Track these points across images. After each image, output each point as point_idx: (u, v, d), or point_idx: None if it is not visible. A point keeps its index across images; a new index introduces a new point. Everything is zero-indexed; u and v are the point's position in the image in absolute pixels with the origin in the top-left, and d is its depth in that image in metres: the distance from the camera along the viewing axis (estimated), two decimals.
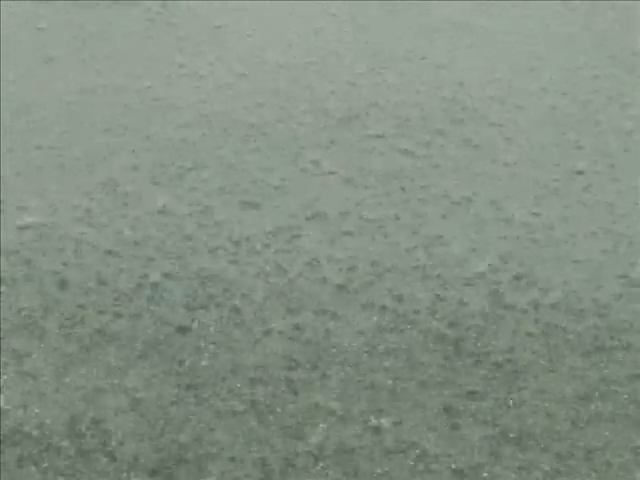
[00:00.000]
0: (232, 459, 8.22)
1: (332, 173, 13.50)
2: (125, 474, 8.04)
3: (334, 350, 9.72)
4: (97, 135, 14.38)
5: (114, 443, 8.35)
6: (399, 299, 10.60)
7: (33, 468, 8.10)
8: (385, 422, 8.72)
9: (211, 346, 9.67)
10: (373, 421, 8.75)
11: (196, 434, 8.53)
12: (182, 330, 9.88)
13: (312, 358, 9.55)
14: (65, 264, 11.03)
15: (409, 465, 8.20)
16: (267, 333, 9.94)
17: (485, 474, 8.16)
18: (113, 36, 18.55)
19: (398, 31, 19.49)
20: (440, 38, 19.16)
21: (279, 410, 8.82)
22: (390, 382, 9.27)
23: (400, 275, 11.08)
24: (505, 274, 11.16)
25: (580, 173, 13.81)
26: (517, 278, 11.09)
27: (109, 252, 11.30)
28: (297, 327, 10.03)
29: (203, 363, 9.43)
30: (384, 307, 10.43)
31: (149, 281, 10.73)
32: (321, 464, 8.20)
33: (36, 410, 8.70)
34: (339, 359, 9.58)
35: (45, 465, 8.13)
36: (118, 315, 10.09)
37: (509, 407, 8.98)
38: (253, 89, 16.32)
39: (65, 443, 8.33)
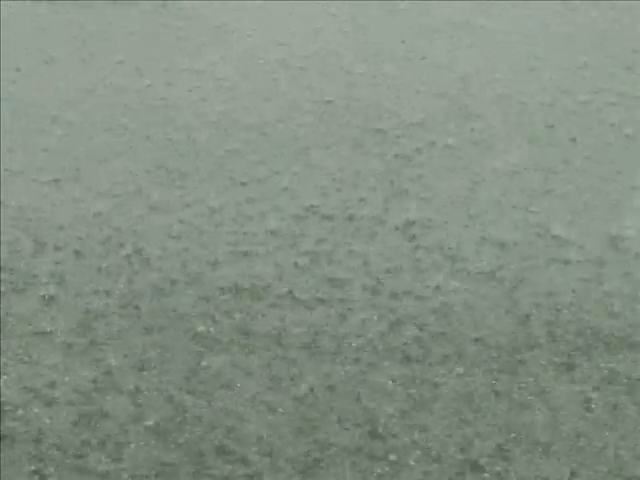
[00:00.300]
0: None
1: (333, 173, 13.49)
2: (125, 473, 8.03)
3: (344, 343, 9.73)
4: (98, 135, 14.38)
5: (116, 443, 8.34)
6: (398, 299, 10.59)
7: (32, 468, 8.09)
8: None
9: (217, 347, 9.66)
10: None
11: (199, 432, 8.51)
12: (188, 333, 9.87)
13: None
14: (66, 265, 11.01)
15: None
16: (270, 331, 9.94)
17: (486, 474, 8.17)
18: (113, 36, 18.54)
19: (398, 31, 19.48)
20: (440, 38, 19.16)
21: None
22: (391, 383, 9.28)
23: (400, 275, 11.07)
24: (508, 273, 11.15)
25: (581, 173, 13.81)
26: (518, 278, 11.09)
27: (110, 251, 11.29)
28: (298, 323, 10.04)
29: (203, 363, 9.42)
30: (385, 306, 10.42)
31: (150, 283, 10.72)
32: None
33: (36, 410, 8.69)
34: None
35: (44, 464, 8.12)
36: (119, 316, 10.08)
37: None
38: (253, 89, 16.31)
39: (65, 443, 8.32)
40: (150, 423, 8.50)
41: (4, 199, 12.40)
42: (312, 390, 8.93)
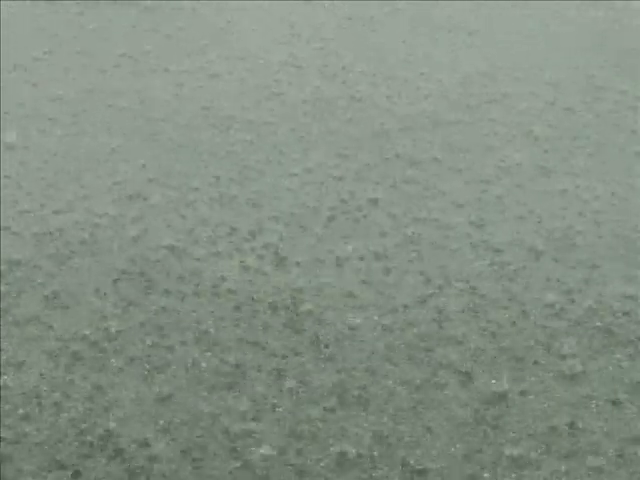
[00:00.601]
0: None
1: (336, 173, 13.49)
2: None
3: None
4: (99, 136, 14.37)
5: (119, 444, 8.34)
6: (392, 296, 10.61)
7: (34, 468, 8.09)
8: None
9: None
10: None
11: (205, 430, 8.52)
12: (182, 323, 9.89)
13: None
14: (66, 267, 11.02)
15: None
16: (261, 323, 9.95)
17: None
18: (113, 36, 18.54)
19: (398, 31, 19.48)
20: (440, 38, 19.15)
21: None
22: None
23: (394, 279, 11.08)
24: (505, 269, 11.15)
25: (581, 172, 13.82)
26: (515, 274, 11.09)
27: (110, 251, 11.29)
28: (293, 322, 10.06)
29: (202, 366, 9.43)
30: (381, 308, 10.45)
31: (150, 281, 10.72)
32: None
33: (36, 410, 8.70)
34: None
35: (45, 460, 8.13)
36: (121, 320, 10.08)
37: None
38: (254, 89, 16.31)
39: (67, 442, 8.32)
40: None
41: (4, 198, 12.40)
42: None
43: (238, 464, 8.20)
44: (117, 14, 19.70)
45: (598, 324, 10.28)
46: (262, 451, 8.35)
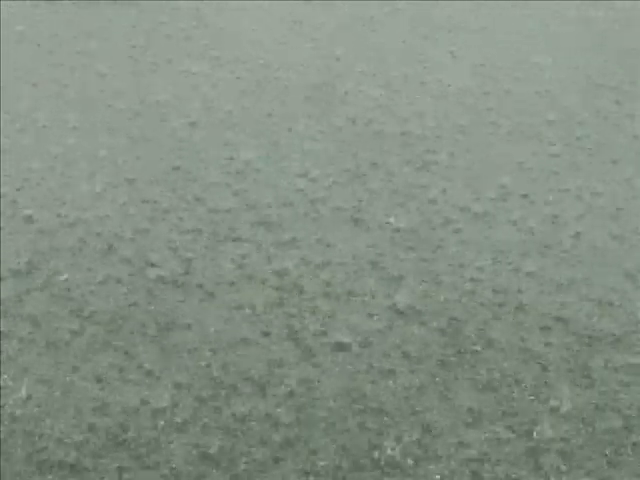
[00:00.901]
0: None
1: (336, 172, 13.49)
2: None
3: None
4: (99, 136, 14.37)
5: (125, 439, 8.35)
6: (386, 292, 10.62)
7: (34, 468, 8.09)
8: None
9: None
10: None
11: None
12: (181, 326, 9.91)
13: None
14: (69, 265, 11.02)
15: None
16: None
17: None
18: (113, 36, 18.56)
19: (398, 31, 19.50)
20: (440, 38, 19.18)
21: None
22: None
23: (383, 271, 11.09)
24: (502, 265, 11.16)
25: (581, 172, 13.83)
26: (515, 270, 11.10)
27: (108, 251, 11.29)
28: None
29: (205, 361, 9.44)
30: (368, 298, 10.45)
31: (148, 279, 10.73)
32: None
33: (35, 409, 8.70)
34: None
35: (45, 457, 8.12)
36: (120, 313, 10.08)
37: None
38: (254, 90, 16.32)
39: (67, 441, 8.33)
40: None
41: (4, 192, 12.41)
42: None
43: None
44: (117, 14, 19.71)
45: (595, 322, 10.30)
46: None
